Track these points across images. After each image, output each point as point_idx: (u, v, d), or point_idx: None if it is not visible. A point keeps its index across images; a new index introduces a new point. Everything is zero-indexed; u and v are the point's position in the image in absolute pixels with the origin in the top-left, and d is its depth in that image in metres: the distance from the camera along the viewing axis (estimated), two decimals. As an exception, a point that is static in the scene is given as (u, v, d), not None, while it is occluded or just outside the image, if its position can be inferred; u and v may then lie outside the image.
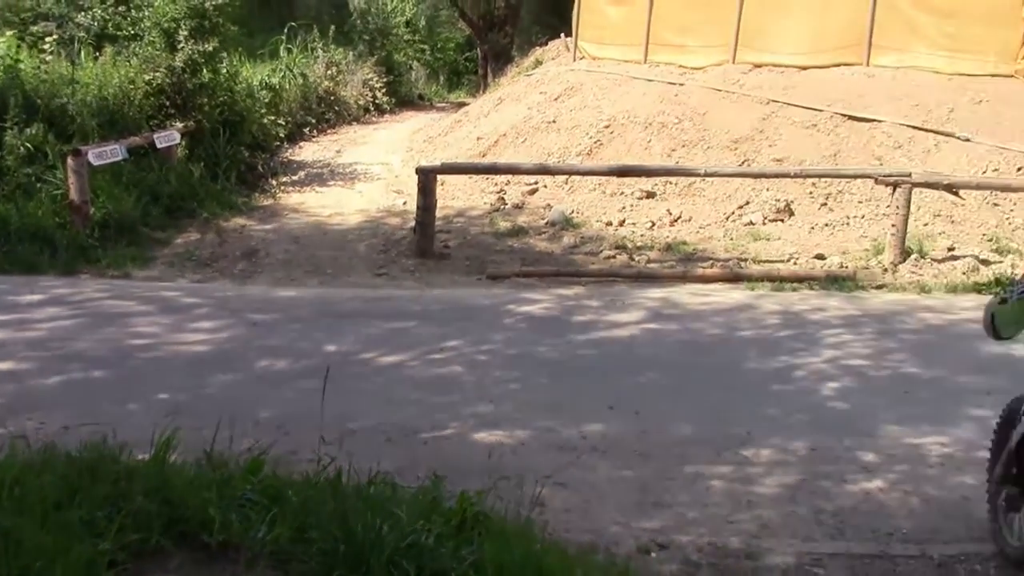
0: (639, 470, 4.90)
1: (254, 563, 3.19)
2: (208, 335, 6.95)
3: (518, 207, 11.44)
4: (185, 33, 11.98)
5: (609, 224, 10.79)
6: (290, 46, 18.43)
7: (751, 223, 10.57)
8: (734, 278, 9.12)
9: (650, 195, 11.37)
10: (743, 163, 11.57)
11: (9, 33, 15.11)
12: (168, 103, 12.06)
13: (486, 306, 8.13)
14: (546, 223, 10.82)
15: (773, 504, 4.57)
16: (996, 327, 3.88)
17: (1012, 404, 4.09)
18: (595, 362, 6.69)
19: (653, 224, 10.74)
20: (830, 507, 4.49)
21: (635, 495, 4.63)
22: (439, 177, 10.22)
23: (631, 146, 12.33)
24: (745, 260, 9.64)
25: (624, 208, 11.12)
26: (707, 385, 6.13)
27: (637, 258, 9.80)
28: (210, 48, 12.14)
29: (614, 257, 9.81)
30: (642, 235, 10.46)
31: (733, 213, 10.91)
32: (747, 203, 10.98)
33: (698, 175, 10.68)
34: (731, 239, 10.36)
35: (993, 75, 12.41)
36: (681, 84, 13.65)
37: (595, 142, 12.54)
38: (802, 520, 4.42)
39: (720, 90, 13.12)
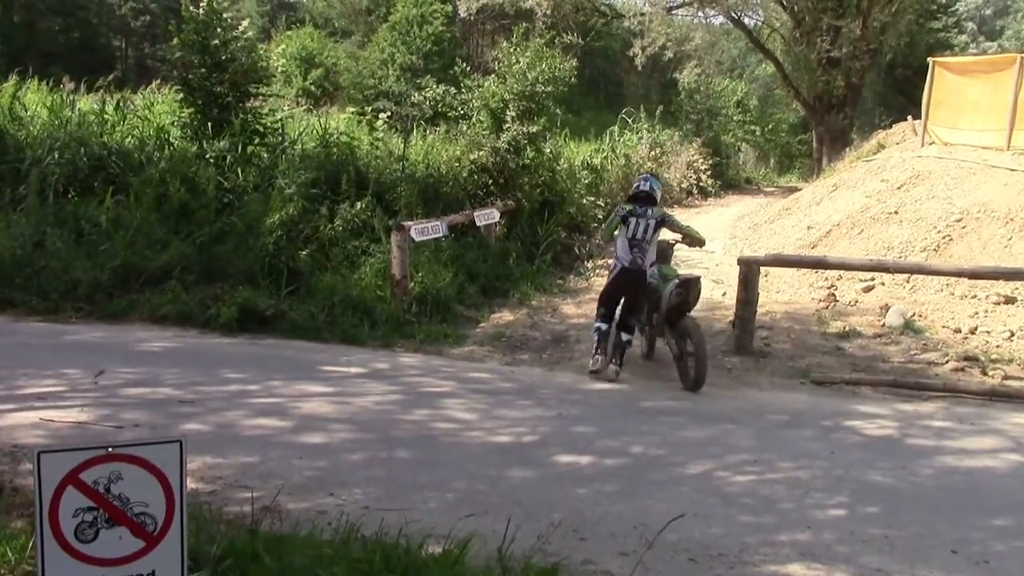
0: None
1: None
2: (512, 424, 6.77)
3: (850, 305, 10.53)
4: (513, 114, 12.27)
5: (958, 331, 9.65)
6: (615, 127, 18.58)
7: None
8: (1119, 407, 7.69)
9: (1009, 300, 10.07)
10: None
11: (350, 110, 16.52)
12: (491, 181, 12.38)
13: (809, 415, 7.39)
14: (882, 325, 9.84)
15: None
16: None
17: None
18: (937, 494, 5.76)
19: (1012, 334, 9.45)
20: None
21: None
22: (763, 268, 9.65)
23: (987, 243, 11.04)
24: None
25: (977, 314, 9.92)
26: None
27: (991, 373, 8.59)
28: (535, 129, 12.36)
29: (963, 370, 8.67)
30: (998, 346, 9.22)
31: (1117, 327, 9.33)
32: None
33: (1072, 281, 9.27)
34: (1114, 358, 8.83)
35: None
36: (1052, 175, 12.09)
37: (944, 237, 11.36)
38: None
39: (1102, 182, 11.47)
